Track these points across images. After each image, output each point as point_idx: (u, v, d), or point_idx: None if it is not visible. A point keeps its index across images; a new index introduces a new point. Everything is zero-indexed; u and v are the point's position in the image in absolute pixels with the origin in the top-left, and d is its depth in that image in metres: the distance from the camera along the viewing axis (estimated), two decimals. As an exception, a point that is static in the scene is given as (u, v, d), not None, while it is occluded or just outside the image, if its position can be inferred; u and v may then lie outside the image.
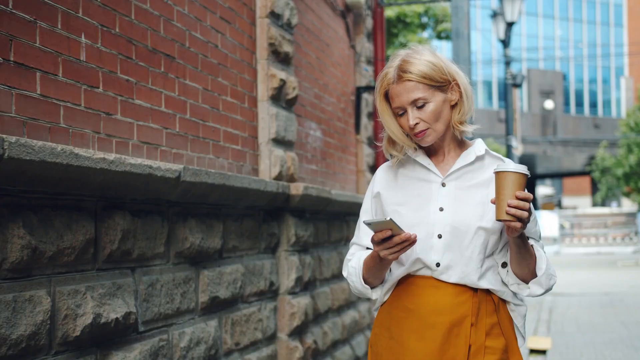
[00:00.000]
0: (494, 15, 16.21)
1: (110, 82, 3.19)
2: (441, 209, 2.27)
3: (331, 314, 6.00)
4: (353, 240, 2.45)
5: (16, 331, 2.43)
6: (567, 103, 53.43)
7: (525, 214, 2.08)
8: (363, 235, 2.40)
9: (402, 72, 2.23)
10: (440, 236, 2.25)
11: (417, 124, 2.23)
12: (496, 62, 46.20)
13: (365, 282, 2.34)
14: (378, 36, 7.89)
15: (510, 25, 15.15)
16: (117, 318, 2.97)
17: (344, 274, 2.42)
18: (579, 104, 54.72)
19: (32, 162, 2.36)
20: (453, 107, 2.28)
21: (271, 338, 4.74)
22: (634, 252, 29.12)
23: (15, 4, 2.61)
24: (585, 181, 53.08)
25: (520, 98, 43.85)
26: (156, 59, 3.59)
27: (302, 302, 5.07)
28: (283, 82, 4.96)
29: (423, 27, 16.21)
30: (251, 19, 4.80)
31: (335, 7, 6.76)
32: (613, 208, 41.50)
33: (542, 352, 7.97)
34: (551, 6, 53.66)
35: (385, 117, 2.29)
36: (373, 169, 7.72)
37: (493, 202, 2.12)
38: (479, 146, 2.34)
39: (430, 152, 2.35)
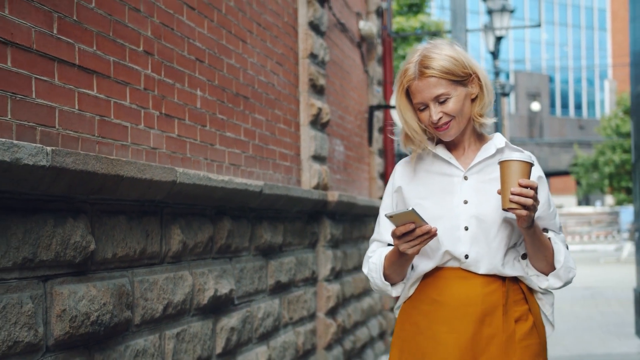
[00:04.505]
0: (484, 28, 17.35)
1: (212, 121, 4.34)
2: (465, 202, 2.26)
3: (353, 299, 7.17)
4: (373, 237, 2.44)
5: (175, 298, 3.60)
6: (552, 105, 54.81)
7: (530, 201, 2.07)
8: (384, 231, 2.38)
9: (424, 68, 2.21)
10: (467, 228, 2.24)
11: (440, 118, 2.22)
12: (484, 63, 47.41)
13: (386, 278, 2.33)
14: (387, 61, 9.06)
15: (499, 39, 16.31)
16: (225, 293, 4.14)
17: (364, 270, 2.41)
18: (565, 105, 56.14)
19: (188, 185, 3.52)
20: (473, 100, 2.27)
21: (312, 316, 5.90)
22: (616, 250, 29.92)
23: (165, 73, 3.77)
24: (570, 180, 54.45)
25: (508, 101, 45.11)
26: (237, 100, 4.74)
27: (335, 288, 6.24)
28: (319, 110, 6.13)
29: (419, 40, 17.47)
30: (295, 60, 5.97)
31: (353, 39, 7.93)
32: (597, 207, 42.78)
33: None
34: (537, 11, 54.97)
35: (407, 113, 2.29)
36: (383, 176, 8.93)
37: (499, 192, 2.13)
38: (498, 139, 2.34)
39: (450, 146, 2.35)
